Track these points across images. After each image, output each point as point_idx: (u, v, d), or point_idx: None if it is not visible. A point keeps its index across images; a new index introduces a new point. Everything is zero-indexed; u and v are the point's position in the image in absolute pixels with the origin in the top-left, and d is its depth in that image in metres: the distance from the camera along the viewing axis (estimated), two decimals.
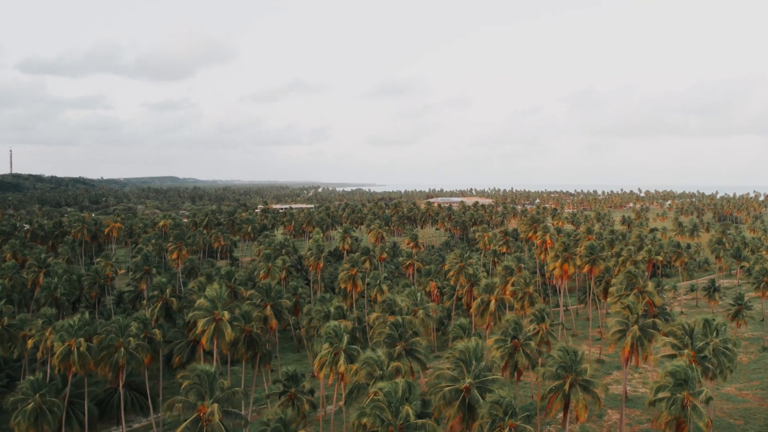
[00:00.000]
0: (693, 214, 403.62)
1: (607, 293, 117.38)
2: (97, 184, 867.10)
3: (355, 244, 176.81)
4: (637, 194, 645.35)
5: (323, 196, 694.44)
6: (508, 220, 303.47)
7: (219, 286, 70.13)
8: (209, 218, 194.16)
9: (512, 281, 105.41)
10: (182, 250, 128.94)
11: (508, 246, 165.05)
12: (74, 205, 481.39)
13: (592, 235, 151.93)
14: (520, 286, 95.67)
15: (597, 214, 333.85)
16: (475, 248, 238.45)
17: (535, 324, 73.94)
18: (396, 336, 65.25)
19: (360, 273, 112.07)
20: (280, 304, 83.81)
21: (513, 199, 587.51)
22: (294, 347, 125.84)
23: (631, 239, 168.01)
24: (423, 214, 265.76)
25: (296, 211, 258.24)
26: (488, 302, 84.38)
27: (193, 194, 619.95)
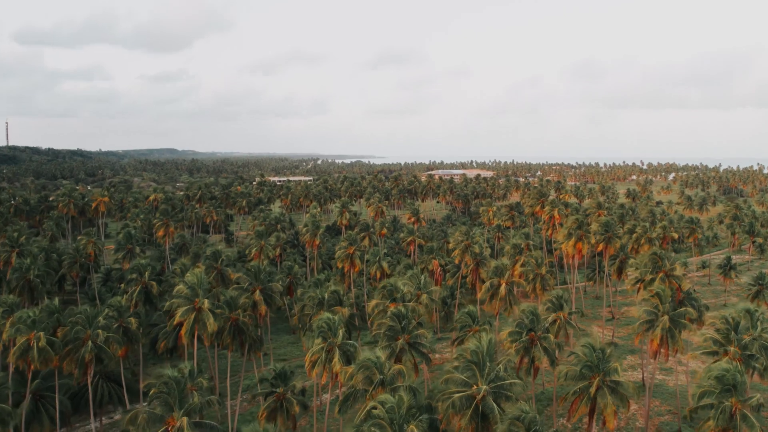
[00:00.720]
0: (698, 187, 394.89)
1: (621, 272, 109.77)
2: (95, 156, 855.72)
3: (354, 218, 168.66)
4: (640, 167, 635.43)
5: (322, 168, 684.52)
6: (510, 193, 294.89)
7: (200, 271, 62.13)
8: (202, 192, 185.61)
9: (522, 261, 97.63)
10: (169, 226, 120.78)
11: (513, 221, 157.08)
12: (70, 178, 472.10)
13: (603, 210, 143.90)
14: (531, 266, 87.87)
15: (601, 187, 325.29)
16: (478, 222, 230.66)
17: (552, 313, 66.22)
18: (398, 328, 57.57)
19: (358, 252, 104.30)
20: (271, 288, 76.02)
21: (514, 172, 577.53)
22: (289, 328, 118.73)
23: (641, 214, 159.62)
24: (424, 188, 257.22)
25: (293, 184, 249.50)
26: (498, 286, 76.57)
27: (191, 166, 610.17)
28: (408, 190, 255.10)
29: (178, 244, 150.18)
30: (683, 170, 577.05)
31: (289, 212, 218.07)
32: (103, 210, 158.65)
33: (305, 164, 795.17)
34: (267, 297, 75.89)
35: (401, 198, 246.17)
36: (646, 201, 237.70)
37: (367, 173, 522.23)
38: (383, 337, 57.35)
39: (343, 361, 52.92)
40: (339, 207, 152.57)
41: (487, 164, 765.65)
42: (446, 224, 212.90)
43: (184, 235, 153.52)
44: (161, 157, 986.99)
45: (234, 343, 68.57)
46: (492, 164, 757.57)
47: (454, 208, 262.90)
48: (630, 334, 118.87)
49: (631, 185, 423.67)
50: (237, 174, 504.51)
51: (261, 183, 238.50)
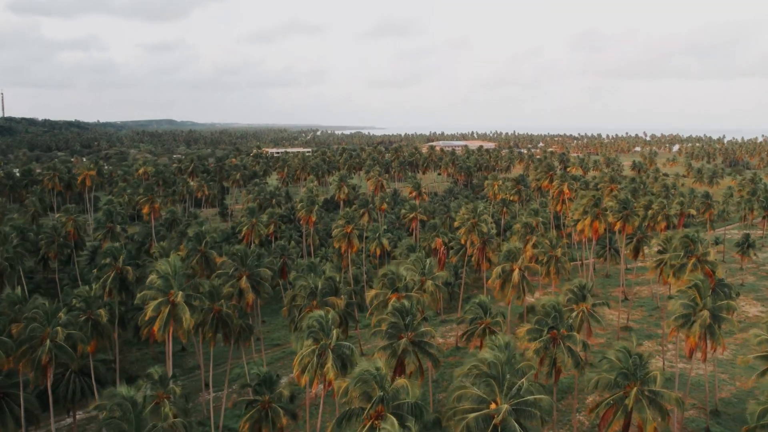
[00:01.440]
0: (703, 159, 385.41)
1: (638, 252, 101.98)
2: (93, 127, 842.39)
3: (353, 193, 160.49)
4: (643, 138, 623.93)
5: (321, 139, 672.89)
6: (514, 165, 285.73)
7: (175, 259, 54.07)
8: (195, 165, 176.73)
9: (533, 241, 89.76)
10: (155, 202, 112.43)
11: (519, 195, 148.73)
12: (65, 150, 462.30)
13: (616, 185, 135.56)
14: (545, 248, 79.91)
15: (606, 160, 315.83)
16: (481, 196, 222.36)
17: (573, 304, 58.43)
18: (401, 325, 49.82)
19: (356, 230, 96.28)
20: (259, 273, 68.12)
21: (516, 143, 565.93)
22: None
23: (654, 189, 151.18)
24: (425, 160, 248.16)
25: (291, 156, 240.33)
26: (510, 272, 68.65)
27: (188, 138, 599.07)
28: (409, 162, 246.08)
29: (168, 220, 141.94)
30: (687, 141, 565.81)
31: (286, 185, 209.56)
32: (89, 184, 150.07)
33: (304, 135, 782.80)
34: (255, 284, 68.05)
35: (402, 170, 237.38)
36: (656, 174, 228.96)
37: (366, 144, 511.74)
38: (384, 336, 49.66)
39: (338, 365, 45.29)
40: (337, 181, 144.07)
41: (488, 135, 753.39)
42: (448, 198, 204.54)
43: (174, 210, 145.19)
44: (159, 128, 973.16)
45: (216, 337, 60.99)
46: (493, 135, 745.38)
47: (456, 181, 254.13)
48: (644, 317, 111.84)
49: (635, 157, 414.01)
50: (235, 145, 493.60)
51: (257, 155, 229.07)
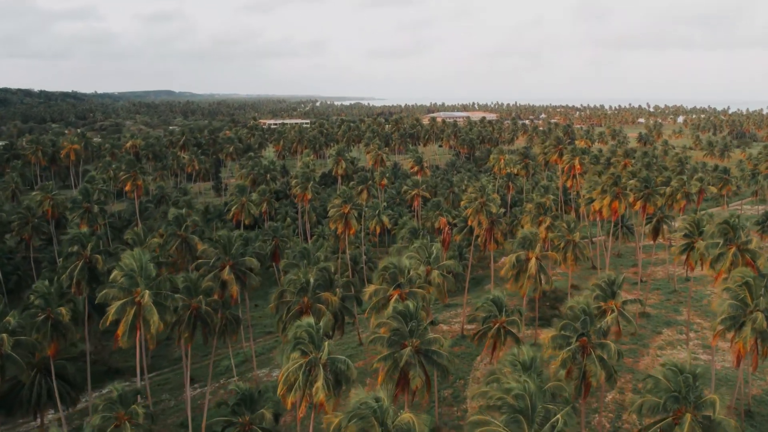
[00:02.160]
0: (710, 131, 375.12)
1: (657, 233, 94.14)
2: (90, 99, 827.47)
3: (351, 167, 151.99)
4: (647, 109, 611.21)
5: (321, 110, 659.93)
6: (517, 137, 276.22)
7: (140, 252, 46.07)
8: (186, 137, 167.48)
9: (547, 223, 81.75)
10: (137, 179, 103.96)
11: (527, 170, 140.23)
12: (60, 121, 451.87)
13: (630, 160, 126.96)
14: (562, 232, 71.90)
15: (612, 131, 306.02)
16: (484, 169, 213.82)
17: (600, 302, 50.65)
18: (404, 331, 42.17)
19: (355, 210, 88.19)
20: (244, 263, 60.22)
21: (517, 114, 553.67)
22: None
23: (669, 164, 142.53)
24: (427, 132, 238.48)
25: (288, 127, 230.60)
26: (526, 261, 60.75)
27: (186, 109, 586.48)
28: (410, 134, 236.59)
29: (156, 197, 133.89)
30: (691, 113, 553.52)
31: (283, 159, 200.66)
32: (73, 158, 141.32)
33: (303, 106, 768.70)
34: (240, 274, 60.21)
35: (402, 143, 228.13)
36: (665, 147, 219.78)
37: (366, 115, 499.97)
38: (384, 344, 41.99)
39: (330, 384, 37.66)
40: (334, 155, 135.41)
41: (490, 106, 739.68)
42: (451, 171, 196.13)
43: (162, 186, 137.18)
44: (157, 99, 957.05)
45: (194, 336, 53.42)
46: (494, 106, 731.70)
47: (458, 153, 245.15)
48: (662, 301, 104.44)
49: (640, 129, 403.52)
50: (233, 116, 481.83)
51: (252, 127, 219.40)
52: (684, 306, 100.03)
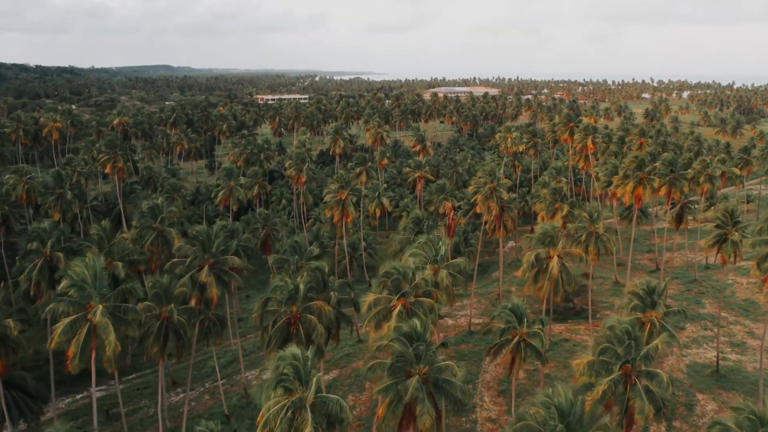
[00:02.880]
0: (716, 107, 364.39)
1: (680, 220, 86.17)
2: (87, 74, 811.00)
3: (349, 145, 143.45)
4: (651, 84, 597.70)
5: (320, 85, 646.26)
6: (521, 113, 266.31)
7: (92, 258, 38.13)
8: (177, 114, 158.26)
9: (565, 212, 73.67)
10: (118, 162, 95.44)
11: (536, 149, 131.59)
12: (54, 97, 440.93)
13: (645, 139, 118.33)
14: (583, 222, 63.89)
15: (618, 107, 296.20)
16: (487, 147, 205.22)
17: (638, 312, 42.82)
18: (410, 356, 34.49)
19: (353, 195, 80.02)
20: (225, 261, 52.25)
21: (519, 89, 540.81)
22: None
23: (685, 143, 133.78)
24: (428, 108, 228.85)
25: (285, 103, 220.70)
26: (547, 260, 52.78)
27: (183, 84, 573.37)
28: (411, 110, 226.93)
29: (144, 178, 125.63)
30: (696, 88, 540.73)
31: (279, 136, 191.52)
32: (56, 137, 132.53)
33: (302, 81, 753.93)
34: (221, 274, 52.33)
35: (403, 119, 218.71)
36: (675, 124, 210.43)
37: (366, 90, 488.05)
38: (386, 375, 34.31)
39: (321, 429, 30.00)
40: (332, 133, 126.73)
41: (491, 81, 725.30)
42: (453, 149, 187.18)
43: (151, 166, 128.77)
44: (155, 74, 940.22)
45: (164, 350, 45.76)
46: (496, 81, 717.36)
47: (460, 129, 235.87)
48: (682, 292, 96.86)
49: (644, 104, 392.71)
50: (230, 92, 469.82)
51: (247, 103, 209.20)
52: (706, 297, 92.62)
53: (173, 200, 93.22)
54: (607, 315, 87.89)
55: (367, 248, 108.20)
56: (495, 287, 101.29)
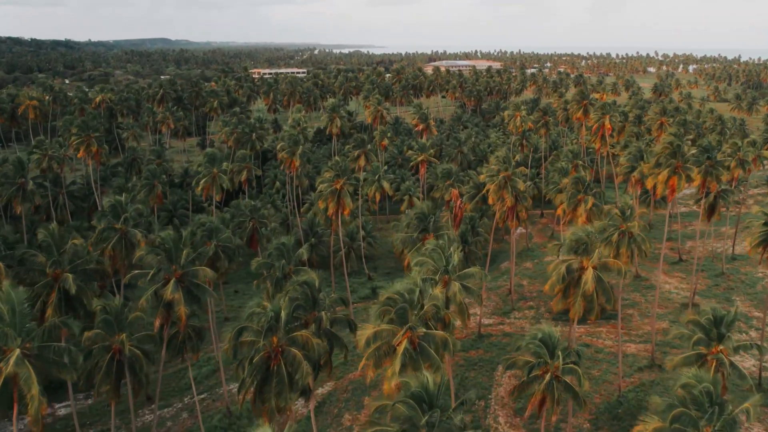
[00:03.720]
0: (725, 81, 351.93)
1: (713, 211, 77.09)
2: (83, 47, 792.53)
3: (347, 124, 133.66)
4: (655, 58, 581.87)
5: (319, 58, 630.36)
6: (526, 87, 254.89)
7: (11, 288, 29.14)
8: (165, 90, 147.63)
9: (590, 205, 64.48)
10: (92, 145, 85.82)
11: (547, 128, 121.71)
12: (48, 71, 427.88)
13: (666, 118, 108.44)
14: (614, 220, 54.76)
15: (625, 82, 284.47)
16: (492, 123, 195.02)
17: (701, 347, 33.90)
18: (419, 423, 25.82)
19: (350, 184, 70.72)
20: (196, 273, 43.27)
21: (522, 63, 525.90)
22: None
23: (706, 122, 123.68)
24: (431, 83, 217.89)
25: (281, 78, 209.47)
26: (580, 272, 43.65)
27: (179, 57, 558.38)
28: (412, 85, 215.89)
29: (127, 159, 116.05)
30: (702, 62, 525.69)
31: (275, 113, 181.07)
32: (33, 116, 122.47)
33: (301, 55, 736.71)
34: (191, 288, 43.42)
35: (404, 95, 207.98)
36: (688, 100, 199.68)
37: (366, 64, 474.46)
38: None
39: None
40: (328, 112, 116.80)
41: (493, 54, 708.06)
42: (457, 126, 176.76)
43: (135, 147, 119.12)
44: (153, 47, 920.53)
45: (116, 387, 37.10)
46: (497, 55, 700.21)
47: (463, 105, 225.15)
48: (709, 287, 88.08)
49: (650, 78, 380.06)
50: (228, 65, 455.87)
51: (241, 78, 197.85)
52: (736, 293, 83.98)
53: (152, 188, 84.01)
54: (630, 315, 79.58)
55: (367, 237, 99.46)
56: (505, 280, 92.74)
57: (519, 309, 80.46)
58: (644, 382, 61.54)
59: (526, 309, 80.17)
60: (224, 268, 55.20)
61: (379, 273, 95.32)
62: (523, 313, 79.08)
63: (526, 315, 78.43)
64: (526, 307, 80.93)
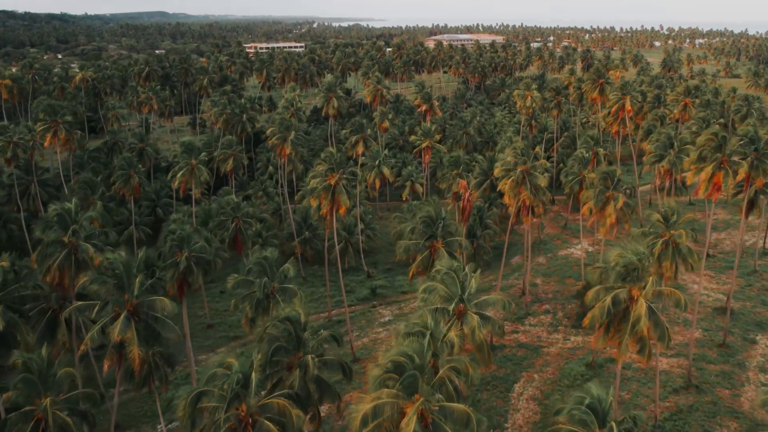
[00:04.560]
0: (734, 56, 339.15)
1: (752, 206, 68.19)
2: (79, 21, 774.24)
3: (345, 104, 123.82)
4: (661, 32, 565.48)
5: (318, 32, 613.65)
6: (532, 62, 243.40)
7: None
8: (151, 67, 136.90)
9: (620, 204, 55.48)
10: (60, 132, 76.21)
11: (560, 109, 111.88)
12: (40, 46, 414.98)
13: (690, 99, 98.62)
14: (656, 228, 45.89)
15: (633, 57, 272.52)
16: (497, 101, 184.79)
17: None
18: None
19: (345, 180, 61.53)
20: (153, 305, 34.55)
21: (524, 36, 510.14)
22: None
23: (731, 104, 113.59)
24: (433, 58, 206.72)
25: (276, 53, 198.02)
26: (629, 303, 34.61)
27: (175, 31, 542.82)
28: (414, 61, 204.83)
29: (108, 144, 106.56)
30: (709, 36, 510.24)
31: (269, 91, 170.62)
32: (6, 96, 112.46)
33: (299, 28, 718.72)
34: (148, 323, 34.73)
35: (405, 71, 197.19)
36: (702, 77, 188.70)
37: (366, 38, 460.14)
38: None
39: None
40: (324, 91, 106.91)
41: (495, 28, 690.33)
42: (460, 104, 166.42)
43: (115, 130, 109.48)
44: (150, 21, 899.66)
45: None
46: (499, 28, 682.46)
47: (466, 81, 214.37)
48: (742, 287, 79.53)
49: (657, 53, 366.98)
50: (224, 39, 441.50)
51: (234, 54, 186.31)
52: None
53: (128, 179, 74.89)
54: None
55: (366, 229, 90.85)
56: (517, 278, 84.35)
57: (534, 314, 72.13)
58: (681, 407, 53.39)
59: (542, 314, 71.80)
60: (197, 284, 46.51)
61: (379, 270, 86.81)
62: (539, 318, 70.71)
63: (542, 321, 70.09)
64: (541, 311, 72.55)
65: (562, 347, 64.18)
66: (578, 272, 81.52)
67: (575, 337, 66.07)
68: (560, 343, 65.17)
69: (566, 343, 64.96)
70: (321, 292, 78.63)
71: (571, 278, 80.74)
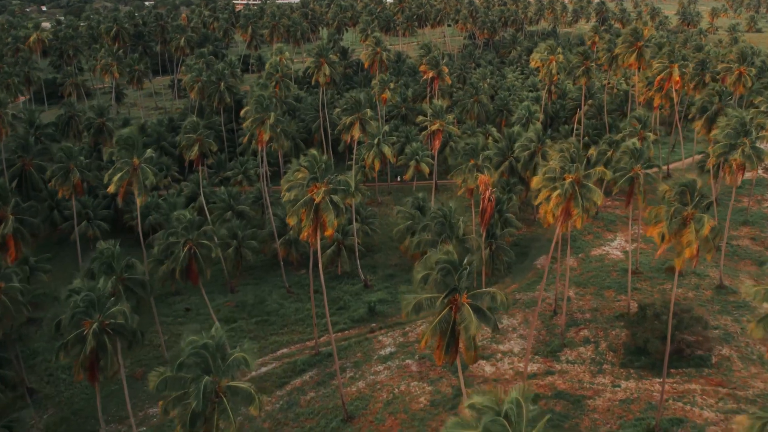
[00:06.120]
0: (754, 9, 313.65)
1: None
2: None
3: (339, 69, 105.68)
4: None
5: None
6: (543, 17, 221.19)
7: None
8: (119, 26, 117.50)
9: (706, 231, 39.39)
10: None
11: (588, 76, 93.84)
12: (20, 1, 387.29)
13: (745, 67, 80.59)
14: None
15: (650, 9, 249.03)
16: (507, 60, 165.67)
17: None
18: None
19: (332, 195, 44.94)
20: None
21: None
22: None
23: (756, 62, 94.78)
24: (438, 12, 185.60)
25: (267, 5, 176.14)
26: None
27: None
28: (417, 15, 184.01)
29: (63, 119, 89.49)
30: None
31: (257, 50, 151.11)
32: None
33: None
34: None
35: (408, 27, 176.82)
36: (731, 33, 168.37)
37: None
38: None
39: None
40: (314, 58, 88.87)
41: None
42: (468, 63, 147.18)
43: (72, 102, 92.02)
44: None
45: None
46: None
47: (472, 36, 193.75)
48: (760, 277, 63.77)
49: (671, 4, 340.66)
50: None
51: (216, 8, 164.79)
52: None
53: (67, 175, 58.62)
54: (726, 357, 55.83)
55: (363, 223, 75.32)
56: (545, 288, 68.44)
57: (570, 344, 57.00)
58: None
59: (581, 344, 56.59)
60: (116, 367, 31.10)
61: (378, 276, 71.42)
62: (578, 352, 55.54)
63: (582, 356, 54.96)
64: (579, 339, 57.36)
65: (612, 399, 49.40)
66: (618, 281, 66.38)
67: (626, 382, 51.16)
68: (608, 391, 50.40)
69: (616, 392, 50.16)
70: (308, 309, 63.26)
71: (611, 290, 65.48)
